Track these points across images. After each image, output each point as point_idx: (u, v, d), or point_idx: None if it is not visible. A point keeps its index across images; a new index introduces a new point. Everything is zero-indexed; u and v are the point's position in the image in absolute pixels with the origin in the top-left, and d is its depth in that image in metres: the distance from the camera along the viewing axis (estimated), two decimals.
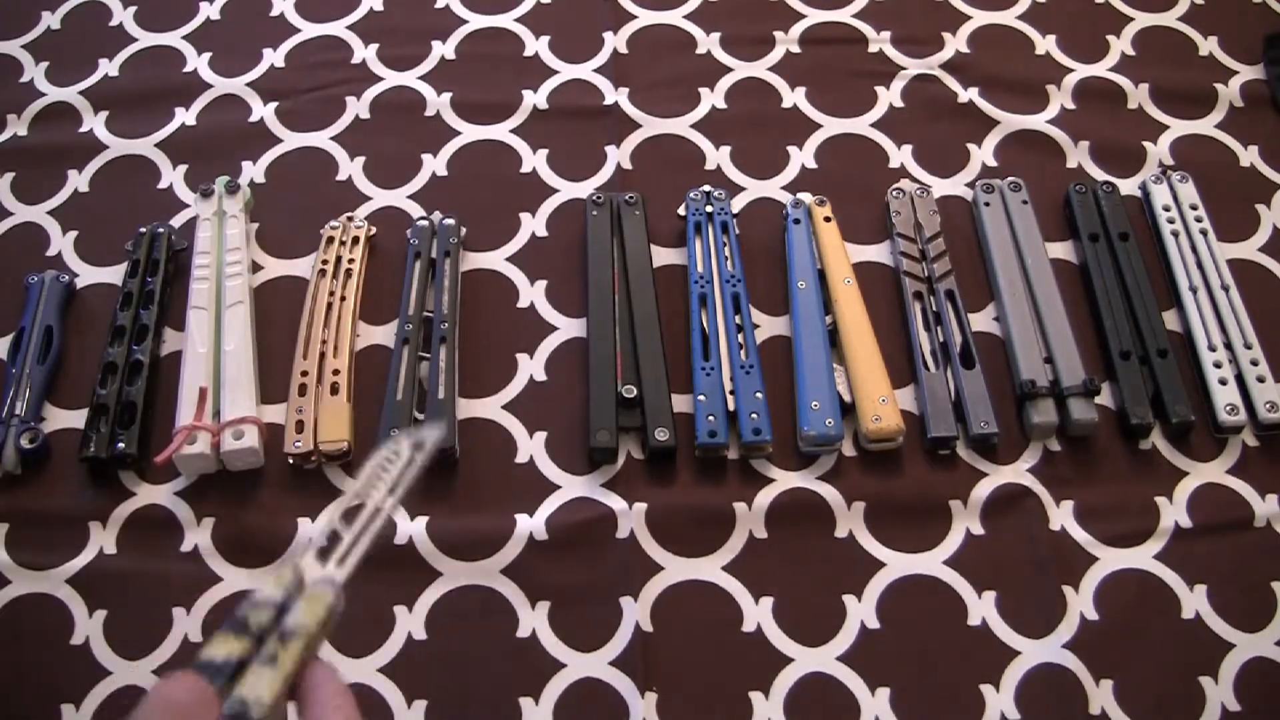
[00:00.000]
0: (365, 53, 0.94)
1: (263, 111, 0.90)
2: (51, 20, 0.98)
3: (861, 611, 0.67)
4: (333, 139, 0.89)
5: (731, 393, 0.72)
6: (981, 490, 0.71)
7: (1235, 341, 0.75)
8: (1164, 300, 0.78)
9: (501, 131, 0.89)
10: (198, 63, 0.94)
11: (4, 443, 0.71)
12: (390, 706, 0.64)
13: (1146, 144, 0.87)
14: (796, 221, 0.81)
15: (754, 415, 0.71)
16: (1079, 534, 0.69)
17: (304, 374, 0.74)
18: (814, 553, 0.69)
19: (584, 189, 0.85)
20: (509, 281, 0.81)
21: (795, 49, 0.94)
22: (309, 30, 0.96)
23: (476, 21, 0.96)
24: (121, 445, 0.71)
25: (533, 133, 0.88)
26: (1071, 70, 0.92)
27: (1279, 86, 0.90)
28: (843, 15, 0.96)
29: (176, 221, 0.83)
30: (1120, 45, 0.94)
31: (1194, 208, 0.82)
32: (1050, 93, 0.91)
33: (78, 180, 0.87)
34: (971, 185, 0.85)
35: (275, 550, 0.69)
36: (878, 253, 0.82)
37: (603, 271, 0.78)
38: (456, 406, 0.73)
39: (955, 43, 0.94)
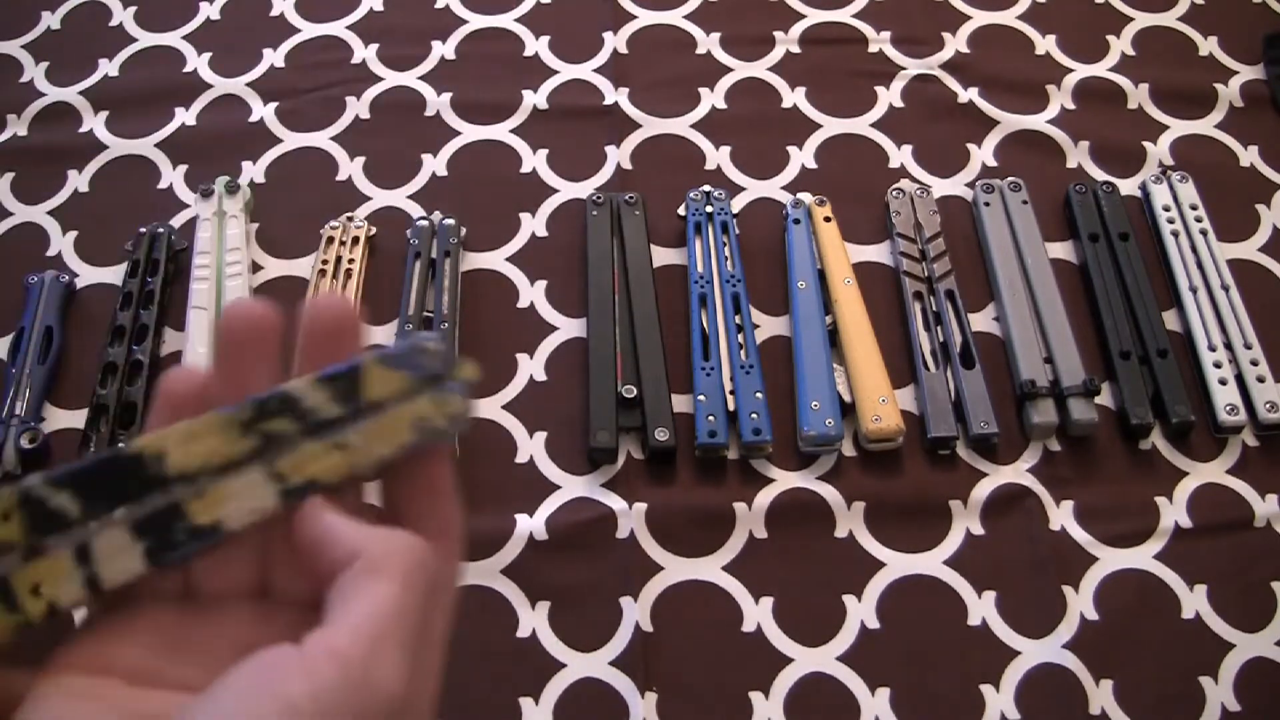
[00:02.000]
0: (365, 53, 0.94)
1: (263, 111, 0.90)
2: (51, 20, 0.98)
3: (861, 611, 0.67)
4: (333, 139, 0.89)
5: (731, 393, 0.72)
6: (981, 490, 0.71)
7: (1235, 341, 0.75)
8: (1164, 300, 0.78)
9: (501, 131, 0.89)
10: (198, 63, 0.94)
11: (4, 443, 0.71)
12: None
13: (1146, 144, 0.87)
14: (796, 221, 0.81)
15: (754, 415, 0.71)
16: (1079, 534, 0.69)
17: None
18: (814, 553, 0.69)
19: (584, 189, 0.85)
20: (509, 281, 0.81)
21: (795, 49, 0.94)
22: (309, 30, 0.96)
23: (476, 21, 0.96)
24: (122, 447, 0.71)
25: (533, 133, 0.88)
26: (1071, 70, 0.92)
27: (1279, 86, 0.90)
28: (843, 15, 0.96)
29: (176, 221, 0.83)
30: (1120, 45, 0.94)
31: (1194, 208, 0.82)
32: (1050, 93, 0.91)
33: (78, 180, 0.87)
34: (971, 185, 0.85)
35: None
36: (878, 253, 0.82)
37: (603, 271, 0.78)
38: None
39: (955, 43, 0.94)
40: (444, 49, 0.94)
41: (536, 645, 0.66)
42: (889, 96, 0.91)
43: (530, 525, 0.69)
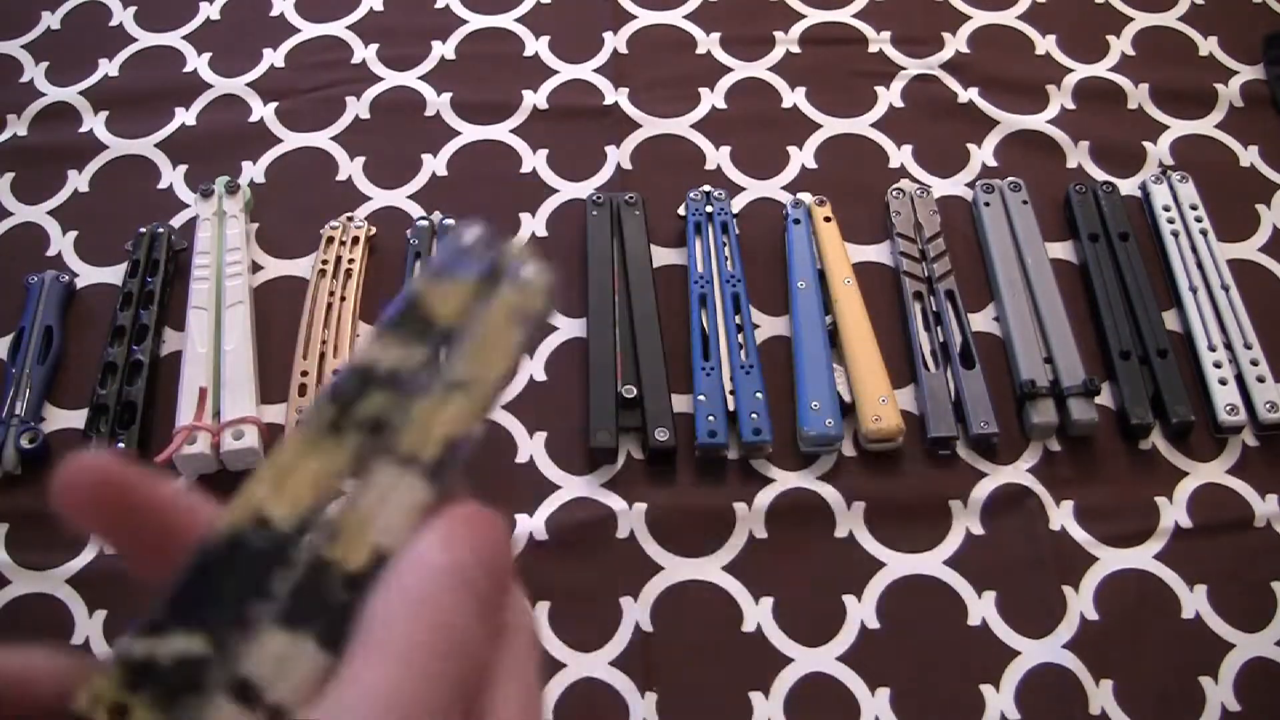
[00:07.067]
0: (365, 53, 0.94)
1: (263, 111, 0.90)
2: (51, 20, 0.98)
3: (861, 611, 0.67)
4: (333, 139, 0.89)
5: (731, 393, 0.72)
6: (981, 490, 0.71)
7: (1235, 341, 0.75)
8: (1164, 300, 0.78)
9: (501, 131, 0.89)
10: (198, 63, 0.94)
11: (4, 443, 0.71)
12: None
13: (1146, 144, 0.87)
14: (796, 221, 0.81)
15: (754, 415, 0.71)
16: (1079, 534, 0.69)
17: (304, 374, 0.74)
18: (814, 553, 0.69)
19: (584, 189, 0.85)
20: None
21: (795, 49, 0.94)
22: (309, 30, 0.96)
23: (476, 21, 0.96)
24: (121, 445, 0.71)
25: (533, 133, 0.88)
26: (1071, 70, 0.92)
27: (1279, 86, 0.90)
28: (843, 15, 0.96)
29: (176, 221, 0.83)
30: (1120, 45, 0.94)
31: (1194, 208, 0.82)
32: (1050, 93, 0.91)
33: (78, 180, 0.87)
34: (971, 185, 0.85)
35: None
36: (878, 253, 0.82)
37: (603, 271, 0.78)
38: None
39: (955, 43, 0.94)
40: (444, 49, 0.94)
41: None
42: (889, 96, 0.91)
43: (530, 525, 0.69)
